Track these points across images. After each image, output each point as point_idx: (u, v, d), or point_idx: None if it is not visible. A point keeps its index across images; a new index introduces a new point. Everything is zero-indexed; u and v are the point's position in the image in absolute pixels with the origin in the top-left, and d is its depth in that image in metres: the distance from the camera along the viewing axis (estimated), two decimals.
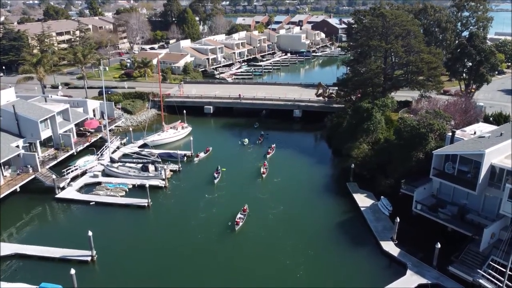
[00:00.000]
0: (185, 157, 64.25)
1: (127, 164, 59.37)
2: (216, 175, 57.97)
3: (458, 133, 47.59)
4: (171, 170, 59.21)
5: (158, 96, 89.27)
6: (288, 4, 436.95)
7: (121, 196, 52.69)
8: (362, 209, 48.59)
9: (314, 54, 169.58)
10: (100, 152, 63.11)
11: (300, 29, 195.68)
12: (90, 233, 39.46)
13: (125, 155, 63.17)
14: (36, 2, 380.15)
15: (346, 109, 74.60)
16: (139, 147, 68.04)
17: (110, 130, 74.08)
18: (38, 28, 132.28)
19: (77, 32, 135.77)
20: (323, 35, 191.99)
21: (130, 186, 55.04)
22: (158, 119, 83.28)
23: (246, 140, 73.13)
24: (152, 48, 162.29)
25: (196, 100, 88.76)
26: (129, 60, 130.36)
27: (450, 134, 47.48)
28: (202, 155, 65.87)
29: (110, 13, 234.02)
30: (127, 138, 71.40)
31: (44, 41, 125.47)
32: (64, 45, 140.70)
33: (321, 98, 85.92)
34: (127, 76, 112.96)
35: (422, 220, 44.13)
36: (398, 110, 70.97)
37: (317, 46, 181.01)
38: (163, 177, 55.66)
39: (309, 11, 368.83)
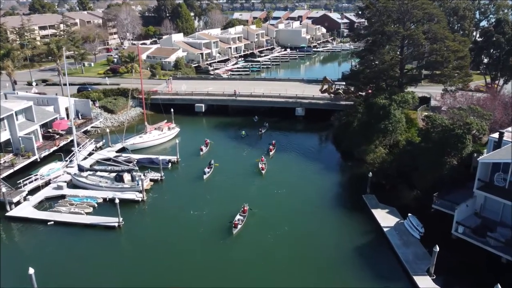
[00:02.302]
0: (170, 163, 54.58)
1: (99, 173, 49.60)
2: (207, 169, 52.44)
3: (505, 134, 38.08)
4: (151, 180, 49.55)
5: (144, 93, 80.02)
6: (286, 1, 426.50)
7: (87, 213, 42.95)
8: (385, 229, 38.95)
9: (315, 49, 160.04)
10: (69, 158, 53.42)
11: (300, 23, 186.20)
12: (31, 271, 29.74)
13: (99, 162, 53.49)
14: (29, 0, 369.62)
15: (356, 106, 65.12)
16: (117, 151, 58.35)
17: (85, 132, 64.64)
18: (18, 21, 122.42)
19: (61, 26, 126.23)
20: (324, 30, 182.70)
21: (100, 200, 45.30)
22: (143, 119, 73.68)
23: (243, 132, 66.70)
24: (143, 44, 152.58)
25: (186, 97, 79.09)
26: (116, 56, 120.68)
27: (496, 135, 37.93)
28: (204, 148, 60.41)
29: (102, 9, 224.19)
30: (104, 141, 61.62)
31: (24, 35, 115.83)
32: (48, 40, 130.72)
33: (326, 94, 76.38)
34: (113, 72, 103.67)
35: (465, 246, 34.59)
36: (416, 107, 61.52)
37: (318, 41, 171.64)
38: (141, 188, 45.91)
39: (308, 9, 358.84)
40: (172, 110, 69.51)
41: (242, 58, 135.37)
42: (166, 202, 46.11)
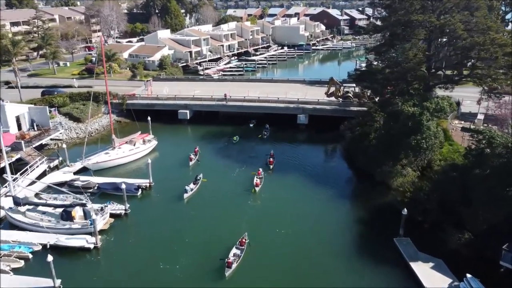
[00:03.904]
0: (140, 190, 42.68)
1: (41, 208, 37.49)
2: (192, 186, 43.15)
3: None
4: (112, 215, 37.60)
5: (119, 97, 68.45)
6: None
7: (15, 269, 30.95)
8: None
9: (314, 47, 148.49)
10: (7, 185, 41.31)
11: (297, 20, 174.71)
12: None
13: (49, 188, 41.42)
14: None
15: (371, 113, 53.72)
16: (76, 172, 46.49)
17: (42, 146, 52.66)
18: None
19: (35, 22, 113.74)
20: (323, 27, 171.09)
21: (38, 248, 33.25)
22: (118, 128, 62.01)
23: (236, 137, 57.98)
24: (129, 42, 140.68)
25: (167, 102, 67.10)
26: (95, 55, 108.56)
27: None
28: (193, 158, 51.07)
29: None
30: (60, 158, 49.55)
31: None
32: (20, 37, 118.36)
33: (333, 98, 64.89)
34: (89, 73, 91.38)
35: None
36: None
37: (317, 39, 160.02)
38: (96, 229, 33.86)
39: (305, 6, 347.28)
40: (149, 118, 57.63)
41: (236, 57, 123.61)
42: (129, 248, 34.13)
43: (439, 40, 48.69)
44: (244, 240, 33.46)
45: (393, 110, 44.55)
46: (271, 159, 50.11)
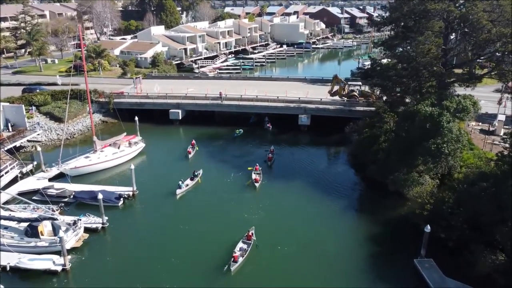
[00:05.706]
0: (122, 199, 37.68)
1: (3, 222, 32.36)
2: (188, 182, 40.97)
3: None
4: (87, 230, 32.60)
5: (105, 95, 63.63)
6: None
7: None
8: None
9: (314, 46, 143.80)
10: None
11: (297, 18, 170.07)
12: None
13: (20, 196, 36.36)
14: None
15: (380, 114, 48.94)
16: (51, 179, 41.44)
17: (18, 149, 47.52)
18: None
19: (24, 17, 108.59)
20: (323, 25, 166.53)
21: None
22: (104, 129, 57.51)
23: (238, 131, 56.14)
24: (123, 39, 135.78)
25: (158, 101, 62.07)
26: (85, 51, 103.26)
27: None
28: (191, 151, 49.32)
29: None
30: (35, 163, 44.51)
31: None
32: (7, 33, 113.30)
33: (337, 97, 60.12)
34: (77, 70, 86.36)
35: None
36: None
37: (317, 37, 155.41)
38: (64, 248, 28.78)
39: (304, 4, 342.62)
40: (136, 118, 52.76)
41: (233, 55, 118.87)
42: (105, 270, 29.04)
43: (457, 32, 43.91)
44: (251, 234, 31.52)
45: (407, 111, 39.72)
46: (270, 155, 47.15)
